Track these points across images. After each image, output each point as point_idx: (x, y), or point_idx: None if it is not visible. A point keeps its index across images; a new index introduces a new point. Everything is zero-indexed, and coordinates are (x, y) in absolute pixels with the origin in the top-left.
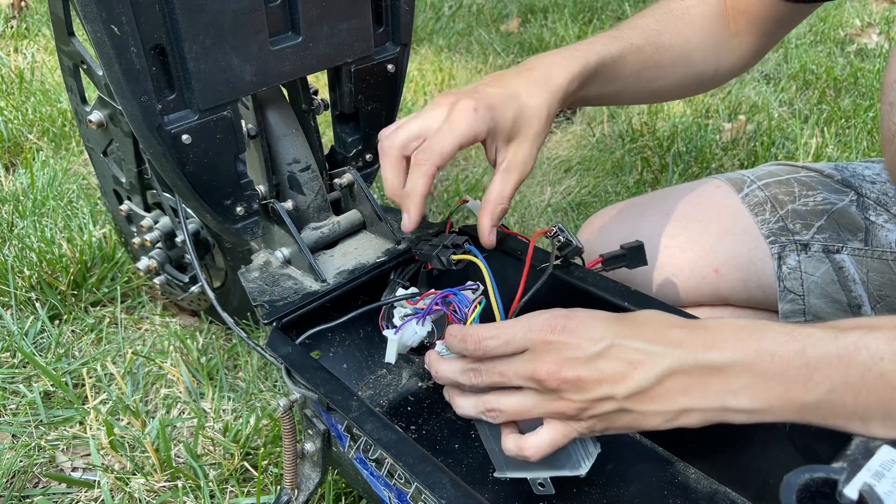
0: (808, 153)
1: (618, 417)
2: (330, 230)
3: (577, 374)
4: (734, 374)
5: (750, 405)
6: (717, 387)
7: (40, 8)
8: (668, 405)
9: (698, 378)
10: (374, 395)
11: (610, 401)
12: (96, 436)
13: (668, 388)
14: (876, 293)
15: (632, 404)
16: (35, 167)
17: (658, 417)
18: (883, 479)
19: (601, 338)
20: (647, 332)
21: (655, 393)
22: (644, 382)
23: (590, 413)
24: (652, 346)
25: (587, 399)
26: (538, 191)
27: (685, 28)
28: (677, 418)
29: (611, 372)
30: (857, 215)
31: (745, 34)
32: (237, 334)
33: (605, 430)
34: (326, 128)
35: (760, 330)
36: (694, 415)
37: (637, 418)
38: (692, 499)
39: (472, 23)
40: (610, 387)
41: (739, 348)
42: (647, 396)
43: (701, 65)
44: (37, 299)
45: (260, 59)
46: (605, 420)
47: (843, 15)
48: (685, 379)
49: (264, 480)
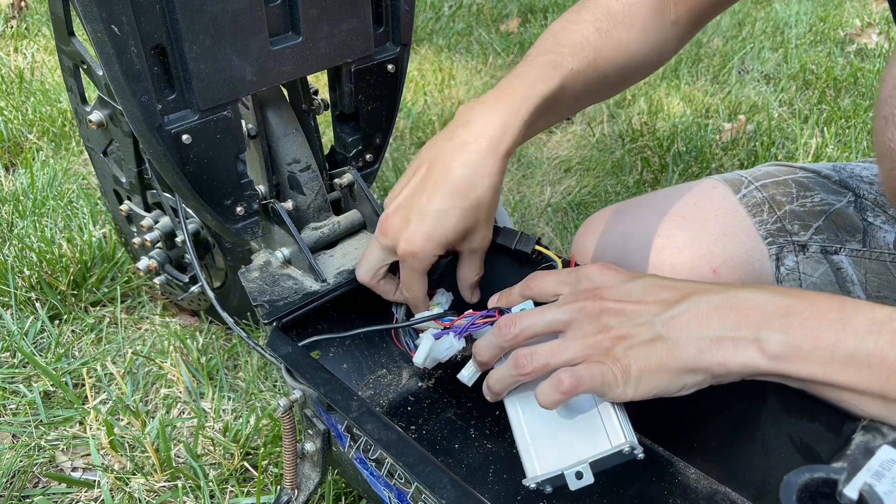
0: (807, 153)
1: (653, 350)
2: (330, 230)
3: (617, 295)
4: (771, 310)
5: (783, 340)
6: (755, 318)
7: (40, 8)
8: (704, 330)
9: (736, 308)
10: (374, 395)
11: (648, 326)
12: (96, 436)
13: (706, 313)
14: (874, 294)
15: (668, 330)
16: (35, 167)
17: (692, 346)
18: (883, 479)
19: (638, 276)
20: (676, 279)
21: (692, 316)
22: (682, 308)
23: (627, 344)
24: (686, 283)
25: (627, 325)
26: (538, 191)
27: (626, 33)
28: (711, 349)
29: (651, 298)
30: (855, 216)
31: (684, 21)
32: (237, 334)
33: (640, 377)
34: (326, 128)
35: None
36: (726, 348)
37: (672, 350)
38: (692, 499)
39: (472, 23)
40: (649, 312)
41: (779, 290)
42: (684, 321)
43: (643, 62)
44: (37, 299)
45: (260, 59)
46: (641, 355)
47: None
48: (723, 308)
49: (264, 480)
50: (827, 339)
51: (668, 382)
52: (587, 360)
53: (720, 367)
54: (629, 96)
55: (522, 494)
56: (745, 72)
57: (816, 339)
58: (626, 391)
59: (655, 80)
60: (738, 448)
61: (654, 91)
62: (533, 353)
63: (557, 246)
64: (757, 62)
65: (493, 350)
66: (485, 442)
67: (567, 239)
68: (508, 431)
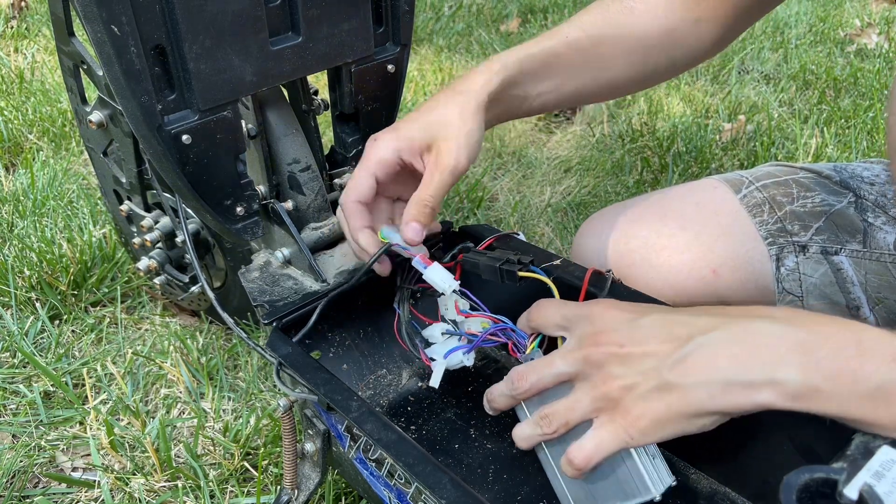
0: (807, 153)
1: (663, 398)
2: (330, 230)
3: (621, 339)
4: (785, 347)
5: (800, 381)
6: (767, 358)
7: (40, 8)
8: (714, 374)
9: (747, 347)
10: (374, 395)
11: (655, 374)
12: (96, 436)
13: (715, 354)
14: (874, 295)
15: (676, 376)
16: (35, 167)
17: (702, 392)
18: (883, 479)
19: (645, 313)
20: (685, 311)
21: (700, 359)
22: (689, 349)
23: (636, 394)
24: (695, 318)
25: (632, 373)
26: (538, 191)
27: (635, 19)
28: (723, 395)
29: (655, 342)
30: (856, 217)
31: (710, 21)
32: (237, 334)
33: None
34: (326, 128)
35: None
36: (738, 392)
37: (682, 397)
38: (692, 499)
39: (472, 23)
40: (655, 356)
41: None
42: (692, 365)
43: (656, 56)
44: (37, 299)
45: (260, 59)
46: (651, 405)
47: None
48: (733, 347)
49: (264, 480)
50: (845, 378)
51: (685, 427)
52: (600, 413)
53: (735, 409)
54: (629, 96)
55: (522, 494)
56: (745, 72)
57: (835, 379)
58: (643, 440)
59: None
60: (738, 448)
61: (654, 91)
62: (552, 414)
63: (557, 246)
64: (757, 62)
65: (507, 401)
66: (485, 442)
67: (567, 239)
68: (508, 431)
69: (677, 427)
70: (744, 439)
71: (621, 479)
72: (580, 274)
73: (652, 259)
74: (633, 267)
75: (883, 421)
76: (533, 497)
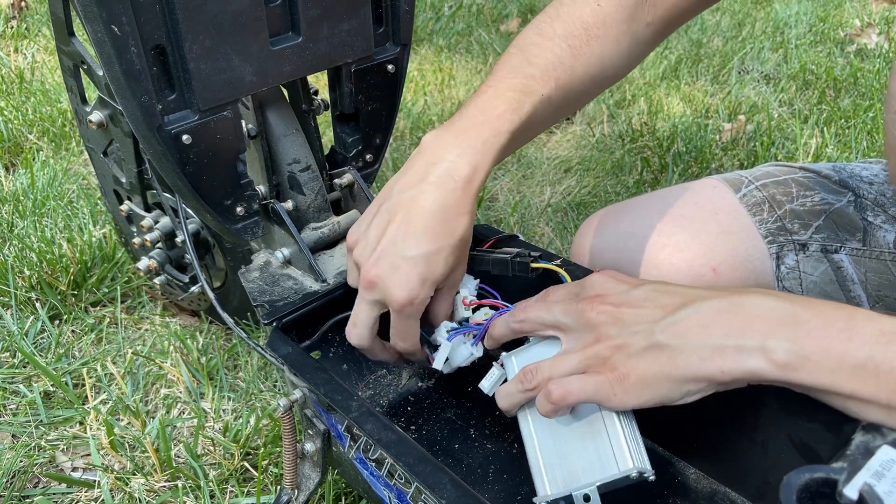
0: (807, 153)
1: (653, 358)
2: (330, 230)
3: (617, 301)
4: (777, 318)
5: (790, 349)
6: (759, 326)
7: (40, 8)
8: (706, 338)
9: (740, 316)
10: (374, 395)
11: (647, 333)
12: (96, 436)
13: (708, 319)
14: (874, 293)
15: (668, 337)
16: (35, 167)
17: (693, 354)
18: (883, 479)
19: (641, 283)
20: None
21: (693, 323)
22: (683, 314)
23: (626, 353)
24: (691, 289)
25: (625, 333)
26: (538, 191)
27: (599, 47)
28: (713, 357)
29: (651, 305)
30: (855, 216)
31: (659, 22)
32: (237, 334)
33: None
34: (326, 128)
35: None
36: (729, 356)
37: (672, 358)
38: (692, 499)
39: (471, 23)
40: (648, 318)
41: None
42: (684, 327)
43: (615, 72)
44: (37, 299)
45: (260, 59)
46: (640, 364)
47: (843, 15)
48: (726, 315)
49: (264, 480)
50: (835, 349)
51: (670, 391)
52: (588, 370)
53: (723, 375)
54: (629, 96)
55: (522, 494)
56: (745, 72)
57: (824, 348)
58: (626, 400)
59: (655, 80)
60: (738, 448)
61: (654, 91)
62: (537, 368)
63: (557, 246)
64: (757, 62)
65: (506, 330)
66: (485, 442)
67: (567, 239)
68: (508, 431)
69: (662, 390)
70: (744, 439)
71: (600, 450)
72: (580, 274)
73: (652, 258)
74: (633, 266)
75: (868, 394)
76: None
